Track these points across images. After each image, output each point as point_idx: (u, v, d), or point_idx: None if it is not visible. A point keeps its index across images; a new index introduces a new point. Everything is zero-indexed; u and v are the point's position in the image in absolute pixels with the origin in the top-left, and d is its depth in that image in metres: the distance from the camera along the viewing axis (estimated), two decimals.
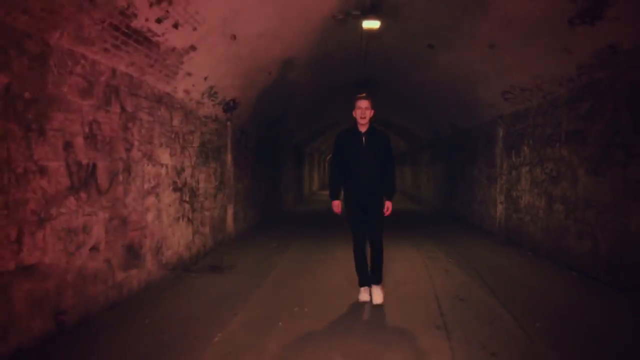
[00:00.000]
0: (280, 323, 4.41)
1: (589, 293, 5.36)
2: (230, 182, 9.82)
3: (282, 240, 9.54)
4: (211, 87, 7.80)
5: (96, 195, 4.82)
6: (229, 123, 9.52)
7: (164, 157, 6.55)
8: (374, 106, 5.18)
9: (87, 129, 4.66)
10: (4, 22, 3.54)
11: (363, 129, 5.17)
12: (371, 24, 7.47)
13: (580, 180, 6.45)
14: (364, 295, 5.20)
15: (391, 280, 5.85)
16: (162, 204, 6.45)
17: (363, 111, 5.09)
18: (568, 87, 6.64)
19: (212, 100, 8.21)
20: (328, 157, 36.80)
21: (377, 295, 5.12)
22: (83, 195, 4.59)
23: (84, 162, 4.62)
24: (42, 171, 4.01)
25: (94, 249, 4.77)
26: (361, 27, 7.66)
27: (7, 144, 3.59)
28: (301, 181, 22.77)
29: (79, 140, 4.54)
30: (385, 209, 5.12)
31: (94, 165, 4.80)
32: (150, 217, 6.08)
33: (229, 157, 9.73)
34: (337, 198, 5.31)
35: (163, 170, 6.52)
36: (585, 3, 5.00)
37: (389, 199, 5.17)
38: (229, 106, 9.10)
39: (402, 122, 18.45)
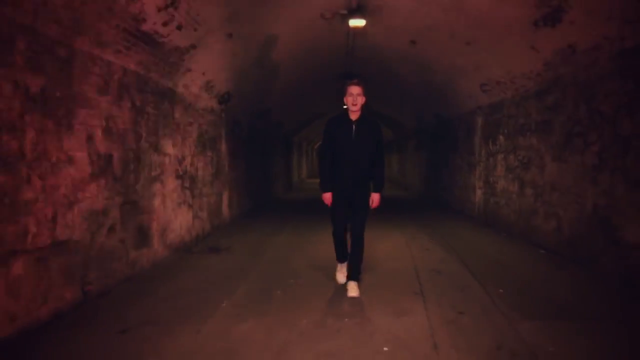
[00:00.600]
0: (278, 292, 5.05)
1: (550, 267, 6.06)
2: (225, 170, 10.40)
3: (275, 225, 10.18)
4: (208, 82, 8.36)
5: (112, 181, 5.40)
6: (223, 114, 10.08)
7: (168, 147, 7.12)
8: (366, 93, 4.88)
9: (104, 123, 5.23)
10: (41, 32, 4.10)
11: (354, 117, 4.88)
12: (357, 22, 8.06)
13: (546, 166, 7.14)
14: (340, 276, 5.28)
15: (376, 257, 6.51)
16: (166, 190, 7.04)
17: (354, 98, 4.78)
18: (536, 81, 7.31)
19: (208, 94, 8.76)
20: (316, 146, 37.34)
21: (352, 288, 4.92)
22: (102, 181, 5.17)
23: (103, 152, 5.19)
24: (70, 160, 4.58)
25: (111, 229, 5.37)
26: (348, 25, 8.23)
27: (44, 137, 4.16)
28: (290, 169, 23.36)
29: (99, 133, 5.11)
30: (371, 202, 4.97)
31: (111, 155, 5.38)
32: (156, 202, 6.67)
33: (223, 147, 10.30)
34: (328, 190, 5.03)
35: (167, 159, 7.09)
36: (545, 9, 5.64)
37: (377, 191, 5.01)
38: (224, 98, 9.65)
39: (388, 111, 19.08)
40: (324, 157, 5.05)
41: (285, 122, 17.88)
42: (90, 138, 4.94)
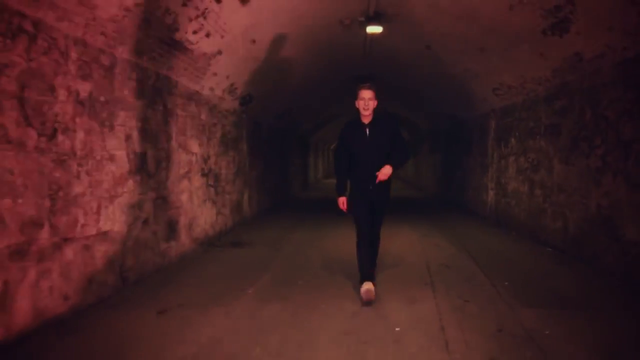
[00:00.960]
0: (299, 282, 5.46)
1: (555, 263, 6.39)
2: (246, 169, 10.85)
3: (293, 222, 10.61)
4: (232, 84, 8.81)
5: (146, 178, 5.87)
6: (244, 116, 10.54)
7: (194, 146, 7.58)
8: (378, 96, 4.91)
9: (140, 124, 5.69)
10: (89, 43, 4.56)
11: (366, 120, 4.90)
12: (374, 29, 8.43)
13: (555, 168, 7.46)
14: (366, 294, 4.69)
15: (390, 252, 6.88)
16: (193, 187, 7.50)
17: (366, 102, 4.81)
18: (545, 86, 7.62)
19: (231, 96, 9.21)
20: (332, 147, 37.78)
21: (366, 292, 4.70)
22: (138, 178, 5.64)
23: (139, 151, 5.66)
24: (112, 158, 5.05)
25: (145, 222, 5.83)
26: (365, 31, 8.62)
27: (90, 137, 4.63)
28: (307, 169, 23.80)
29: (135, 134, 5.57)
30: (382, 174, 4.77)
31: (145, 154, 5.84)
32: (184, 198, 7.13)
33: (244, 147, 10.76)
34: (343, 194, 5.00)
35: (194, 158, 7.56)
36: (553, 19, 5.98)
37: (392, 165, 4.81)
38: (245, 100, 10.10)
39: (404, 112, 19.40)
40: (340, 160, 5.07)
41: (302, 123, 18.30)
42: (128, 138, 5.40)
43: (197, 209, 7.72)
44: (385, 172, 4.76)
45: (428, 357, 3.40)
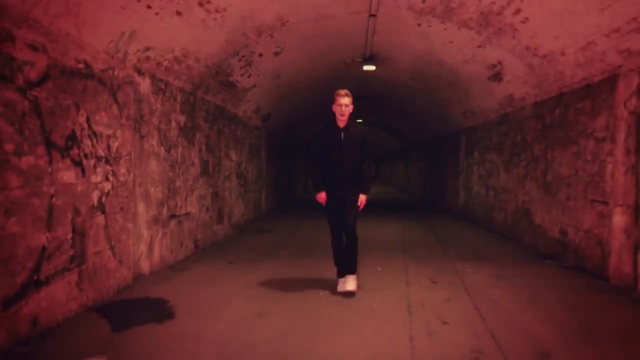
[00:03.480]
0: (311, 253, 8.00)
1: (493, 241, 8.98)
2: (263, 173, 13.42)
3: (301, 216, 13.18)
4: (258, 107, 11.40)
5: (208, 178, 8.44)
6: (263, 129, 13.12)
7: (233, 155, 10.16)
8: (354, 102, 5.27)
9: (205, 140, 8.27)
10: (185, 90, 7.15)
11: (342, 125, 5.23)
12: (369, 67, 11.04)
13: (500, 175, 10.07)
14: (341, 286, 5.31)
15: (378, 237, 9.44)
16: (232, 186, 10.07)
17: (343, 108, 5.14)
18: (495, 114, 10.24)
19: (256, 115, 11.80)
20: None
21: (350, 283, 5.20)
22: (204, 178, 8.21)
23: (204, 159, 8.23)
24: (192, 164, 7.62)
25: (207, 209, 8.39)
26: (362, 68, 11.22)
27: (184, 150, 7.20)
28: (307, 174, 26.38)
29: (203, 147, 8.15)
30: (359, 202, 5.24)
31: (208, 161, 8.42)
32: (227, 194, 9.70)
33: (263, 155, 13.33)
34: (321, 189, 5.39)
35: (233, 164, 10.13)
36: (493, 72, 8.60)
37: (364, 193, 5.28)
38: (265, 117, 12.69)
39: (396, 125, 22.07)
40: (316, 160, 5.38)
41: (304, 134, 20.90)
42: (200, 150, 7.99)
43: (234, 202, 10.29)
44: (364, 202, 5.31)
45: (396, 279, 5.94)
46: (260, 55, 8.59)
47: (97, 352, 3.57)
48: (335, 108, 5.23)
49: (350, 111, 5.25)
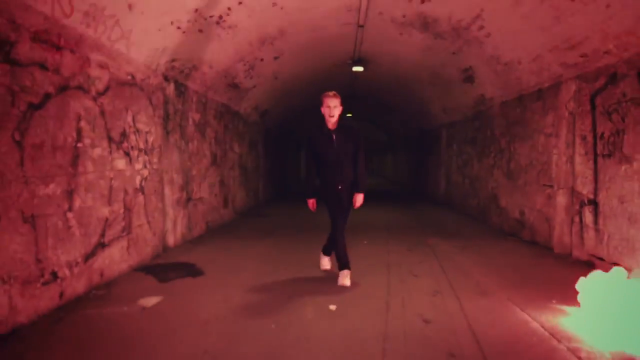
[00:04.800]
0: (307, 233, 9.22)
1: (468, 223, 10.26)
2: (260, 164, 14.61)
3: (295, 205, 14.34)
4: (257, 105, 12.57)
5: (216, 168, 9.62)
6: (261, 125, 14.29)
7: (236, 148, 11.34)
8: (343, 102, 5.20)
9: (214, 135, 9.44)
10: (199, 92, 8.31)
11: (332, 126, 5.17)
12: (358, 69, 12.23)
13: (474, 165, 11.35)
14: (325, 263, 5.95)
15: (366, 221, 10.67)
16: (235, 175, 11.26)
17: (331, 110, 5.06)
18: (471, 111, 11.50)
19: (256, 112, 12.97)
20: None
21: (345, 277, 5.22)
22: (213, 168, 9.39)
23: (214, 151, 9.41)
24: (205, 156, 8.80)
25: (216, 195, 9.59)
26: (351, 69, 12.41)
27: (197, 144, 8.38)
28: (299, 167, 27.57)
29: (213, 141, 9.33)
30: (354, 201, 5.30)
31: (216, 153, 9.60)
32: (231, 182, 10.89)
33: (260, 148, 14.51)
34: (312, 196, 5.51)
35: (236, 156, 11.32)
36: (465, 74, 9.84)
37: (360, 191, 5.29)
38: (263, 114, 13.86)
39: (383, 120, 23.31)
40: (309, 167, 5.46)
41: (296, 129, 22.07)
42: (210, 144, 9.16)
43: (237, 190, 11.48)
44: (358, 202, 5.33)
45: (379, 249, 7.17)
46: (262, 60, 9.76)
47: (153, 294, 4.77)
48: (324, 110, 5.17)
49: (340, 112, 5.15)
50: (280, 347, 3.51)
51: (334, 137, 5.18)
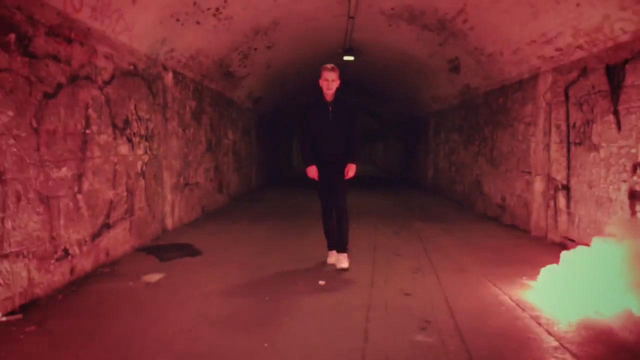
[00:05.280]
0: (300, 217, 9.61)
1: (453, 209, 10.70)
2: (253, 151, 14.95)
3: (288, 189, 14.82)
4: (250, 92, 12.89)
5: (211, 154, 9.96)
6: (254, 112, 14.61)
7: (230, 134, 11.68)
8: (340, 77, 5.23)
9: (209, 122, 9.77)
10: (195, 80, 8.63)
11: (329, 99, 5.22)
12: (349, 58, 12.55)
13: (460, 153, 11.77)
14: (331, 258, 5.52)
15: (357, 205, 11.07)
16: (229, 161, 11.61)
17: (329, 83, 5.12)
18: (457, 100, 11.89)
19: (249, 99, 13.28)
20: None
21: (342, 260, 5.30)
22: (209, 154, 9.74)
23: (209, 138, 9.75)
24: (200, 142, 9.15)
25: (211, 180, 9.94)
26: (342, 59, 12.74)
27: (193, 130, 8.71)
28: (291, 153, 27.92)
29: (208, 128, 9.66)
30: (346, 172, 5.22)
31: (211, 140, 9.93)
32: (225, 168, 11.24)
33: (253, 134, 14.84)
34: (312, 163, 5.33)
35: (230, 142, 11.66)
36: (452, 65, 10.21)
37: (352, 162, 5.24)
38: (256, 101, 14.17)
39: (374, 108, 23.66)
40: (305, 136, 5.37)
41: (288, 116, 22.37)
42: (205, 130, 9.50)
43: (230, 176, 11.84)
44: (351, 171, 5.27)
45: (367, 232, 7.57)
46: (255, 49, 10.07)
47: (155, 272, 5.14)
48: (321, 83, 5.21)
49: (337, 86, 5.20)
50: (275, 315, 3.91)
51: (330, 109, 5.24)
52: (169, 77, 7.37)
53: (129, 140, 5.96)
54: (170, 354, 3.15)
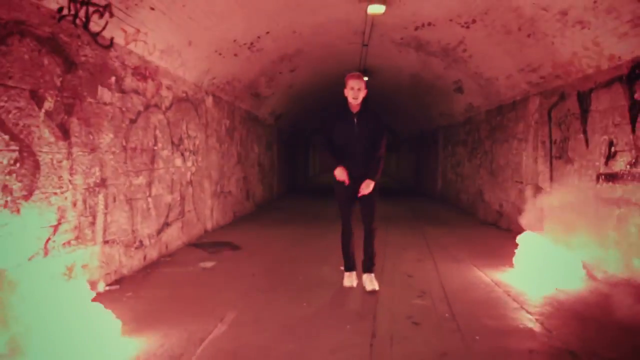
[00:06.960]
0: (320, 221, 10.79)
1: (457, 215, 11.81)
2: (275, 163, 16.21)
3: (307, 199, 16.01)
4: (273, 110, 14.17)
5: (241, 166, 11.22)
6: (276, 127, 15.89)
7: (255, 148, 12.94)
8: (367, 86, 4.83)
9: (240, 137, 11.04)
10: (228, 101, 9.91)
11: (355, 110, 4.83)
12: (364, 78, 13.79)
13: (465, 165, 12.90)
14: (347, 280, 5.17)
15: None
16: (254, 172, 12.87)
17: (356, 92, 4.71)
18: (462, 116, 13.04)
19: (271, 116, 14.57)
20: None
21: (371, 282, 4.98)
22: (239, 165, 11.00)
23: (239, 151, 11.01)
24: (233, 155, 10.40)
25: (241, 189, 11.19)
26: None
27: (228, 145, 9.98)
28: (308, 165, 29.19)
29: (239, 142, 10.92)
30: (361, 187, 4.80)
31: (241, 153, 11.20)
32: (252, 178, 12.50)
33: (275, 148, 16.10)
34: (339, 164, 4.80)
35: (255, 155, 12.92)
36: (456, 86, 11.39)
37: (372, 178, 4.83)
38: (278, 117, 15.46)
39: (388, 121, 24.87)
40: (326, 143, 4.97)
41: (306, 130, 23.67)
42: (237, 145, 10.77)
43: (256, 185, 13.09)
44: (366, 189, 4.84)
45: (381, 233, 8.72)
46: (280, 73, 11.35)
47: (207, 260, 6.36)
48: (347, 92, 4.81)
49: (364, 96, 4.81)
50: (307, 287, 5.11)
51: (356, 120, 4.83)
52: (209, 100, 8.65)
53: (182, 155, 7.23)
54: (236, 309, 4.35)
